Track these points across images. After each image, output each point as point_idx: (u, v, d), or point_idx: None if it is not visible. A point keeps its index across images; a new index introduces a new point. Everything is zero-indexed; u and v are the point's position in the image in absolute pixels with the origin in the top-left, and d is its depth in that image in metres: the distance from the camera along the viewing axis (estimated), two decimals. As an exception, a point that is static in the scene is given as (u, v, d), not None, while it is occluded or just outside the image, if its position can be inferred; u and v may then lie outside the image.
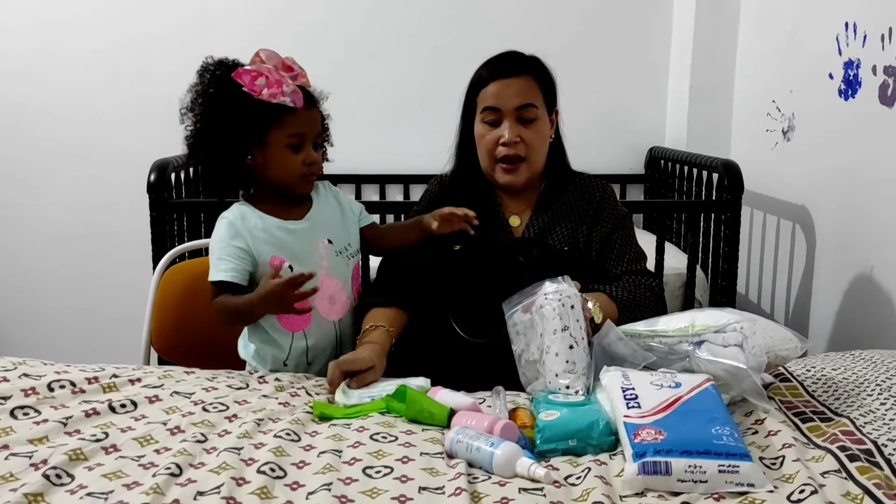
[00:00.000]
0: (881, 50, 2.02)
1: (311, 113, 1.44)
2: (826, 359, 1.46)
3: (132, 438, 1.07)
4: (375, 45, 3.13)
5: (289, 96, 1.37)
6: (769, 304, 2.72)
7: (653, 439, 0.99)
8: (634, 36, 3.19)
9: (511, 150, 1.56)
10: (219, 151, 1.41)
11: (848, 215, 2.22)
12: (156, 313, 1.76)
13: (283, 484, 0.96)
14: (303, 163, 1.43)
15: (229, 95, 1.37)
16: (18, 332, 3.24)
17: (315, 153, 1.45)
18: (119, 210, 3.11)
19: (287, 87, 1.37)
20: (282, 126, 1.40)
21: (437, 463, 1.03)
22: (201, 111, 1.41)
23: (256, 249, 1.42)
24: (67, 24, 3.08)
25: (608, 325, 1.28)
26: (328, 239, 1.49)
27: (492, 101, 1.56)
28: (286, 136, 1.41)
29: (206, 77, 1.41)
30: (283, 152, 1.41)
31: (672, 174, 2.98)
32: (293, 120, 1.40)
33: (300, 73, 1.43)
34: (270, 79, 1.36)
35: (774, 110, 2.65)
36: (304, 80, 1.44)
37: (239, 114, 1.37)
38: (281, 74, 1.37)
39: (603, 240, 1.62)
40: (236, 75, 1.36)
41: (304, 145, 1.43)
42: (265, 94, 1.35)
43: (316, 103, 1.47)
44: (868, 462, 0.99)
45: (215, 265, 1.41)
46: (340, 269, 1.51)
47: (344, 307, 1.52)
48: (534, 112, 1.56)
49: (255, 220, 1.44)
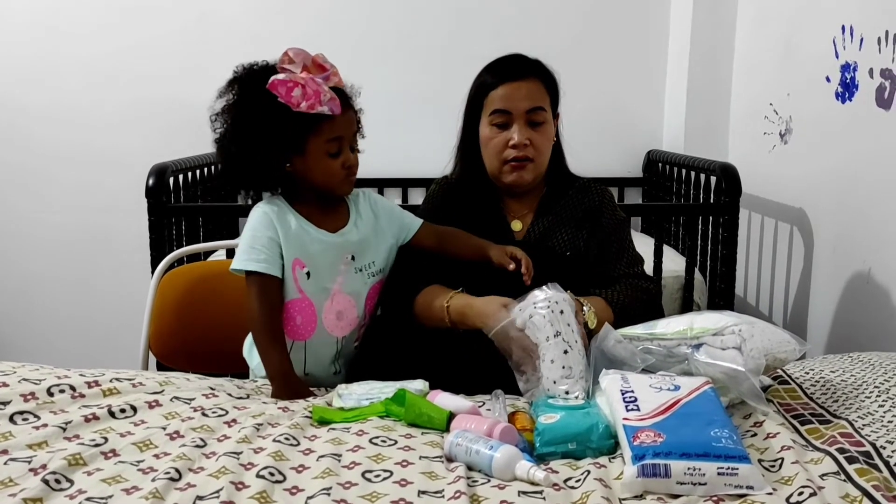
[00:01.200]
0: (878, 53, 2.03)
1: (347, 115, 1.40)
2: (824, 361, 1.46)
3: (131, 443, 1.07)
4: (374, 50, 3.14)
5: (327, 105, 1.33)
6: (767, 307, 2.72)
7: (652, 442, 0.99)
8: (632, 39, 3.20)
9: (520, 152, 1.56)
10: (257, 162, 1.38)
11: (846, 218, 2.23)
12: (154, 318, 1.76)
13: (283, 488, 0.96)
14: (342, 166, 1.40)
15: (265, 107, 1.33)
16: (17, 335, 3.24)
17: (353, 154, 1.43)
18: (118, 214, 3.11)
19: (325, 95, 1.33)
20: (320, 133, 1.36)
21: (437, 466, 1.03)
22: (236, 122, 1.37)
23: (285, 245, 1.40)
24: (67, 29, 3.08)
25: (606, 328, 1.29)
26: (352, 255, 1.46)
27: (501, 103, 1.56)
28: (324, 143, 1.37)
29: (237, 87, 1.37)
30: (323, 158, 1.39)
31: (670, 177, 2.98)
32: (330, 126, 1.36)
33: (332, 71, 1.37)
34: (308, 90, 1.31)
35: (772, 113, 2.65)
36: (337, 78, 1.39)
37: (276, 126, 1.33)
38: (317, 83, 1.32)
39: (602, 244, 1.63)
40: (271, 87, 1.31)
41: (343, 149, 1.40)
42: (303, 106, 1.31)
43: (351, 104, 1.42)
44: (867, 464, 0.99)
45: (248, 253, 1.38)
46: (356, 285, 1.47)
47: (351, 324, 1.48)
48: (542, 115, 1.57)
49: (291, 219, 1.42)
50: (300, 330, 1.43)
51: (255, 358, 1.47)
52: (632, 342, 1.28)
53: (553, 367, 1.25)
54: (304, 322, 1.43)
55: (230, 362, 1.59)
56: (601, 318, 1.43)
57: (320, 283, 1.43)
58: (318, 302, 1.43)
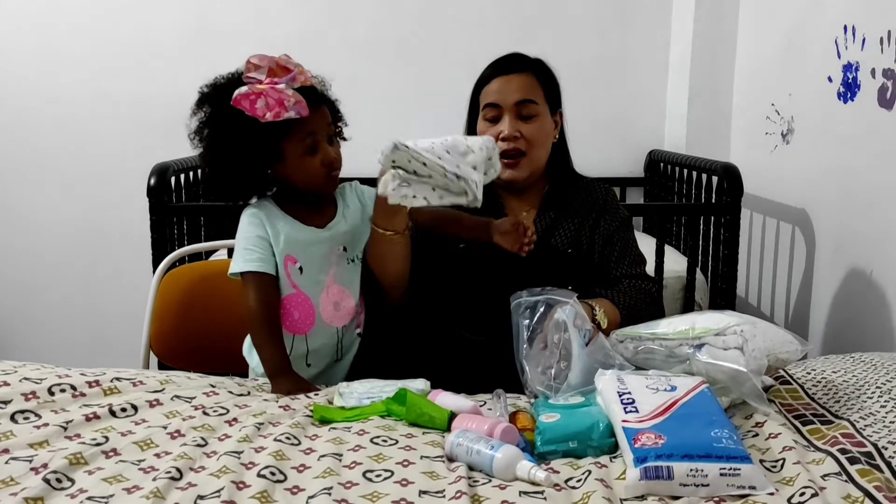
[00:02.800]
0: (880, 53, 2.02)
1: (319, 111, 1.39)
2: (826, 361, 1.46)
3: (132, 442, 1.07)
4: (374, 48, 3.14)
5: (293, 109, 1.33)
6: (769, 307, 2.72)
7: (653, 444, 0.99)
8: (634, 39, 3.19)
9: (510, 144, 1.56)
10: (238, 174, 1.40)
11: (848, 218, 2.22)
12: (155, 317, 1.76)
13: (284, 488, 0.96)
14: (321, 164, 1.40)
15: (234, 123, 1.33)
16: (18, 334, 3.24)
17: (332, 148, 1.42)
18: (119, 213, 3.12)
19: (289, 101, 1.32)
20: (292, 136, 1.37)
21: (438, 466, 1.03)
22: (211, 140, 1.39)
23: (275, 243, 1.42)
24: (68, 27, 3.08)
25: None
26: (343, 246, 1.47)
27: (492, 97, 1.57)
28: (299, 144, 1.38)
29: (206, 105, 1.38)
30: (301, 159, 1.39)
31: (671, 177, 2.98)
32: (301, 127, 1.37)
33: (297, 71, 1.36)
34: (270, 99, 1.31)
35: (774, 113, 2.65)
36: (304, 77, 1.37)
37: (249, 139, 1.35)
38: (278, 90, 1.31)
39: (604, 242, 1.63)
40: (235, 103, 1.32)
41: (319, 145, 1.40)
42: (269, 116, 1.32)
43: (321, 100, 1.42)
44: (868, 465, 0.99)
45: (242, 255, 1.41)
46: (350, 275, 1.49)
47: (349, 314, 1.49)
48: (534, 108, 1.56)
49: (279, 218, 1.44)
50: (299, 324, 1.44)
51: (254, 357, 1.48)
52: (633, 341, 1.28)
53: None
54: (302, 316, 1.44)
55: (231, 362, 1.59)
56: (611, 320, 1.45)
57: (313, 277, 1.44)
58: (314, 295, 1.44)
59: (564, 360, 1.25)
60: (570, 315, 1.28)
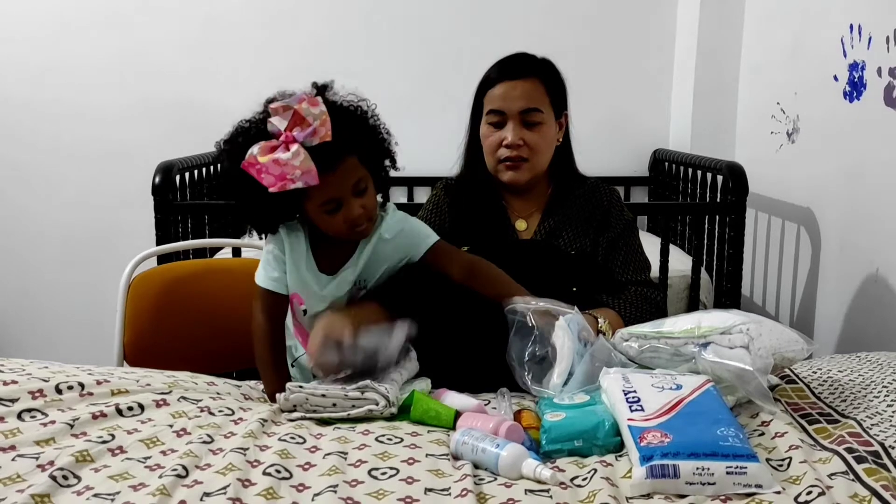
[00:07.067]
0: (886, 52, 2.02)
1: (338, 171, 1.26)
2: (832, 360, 1.46)
3: (139, 440, 1.07)
4: (380, 48, 3.14)
5: (300, 181, 1.21)
6: (774, 307, 2.71)
7: (659, 442, 0.99)
8: (638, 38, 3.19)
9: (513, 152, 1.56)
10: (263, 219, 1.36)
11: (853, 217, 2.22)
12: (129, 322, 1.71)
13: (289, 485, 0.96)
14: (343, 222, 1.31)
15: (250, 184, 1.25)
16: (22, 333, 3.25)
17: (360, 202, 1.31)
18: (124, 212, 3.13)
19: (294, 173, 1.20)
20: (311, 198, 1.29)
21: (443, 464, 1.03)
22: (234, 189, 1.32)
23: (289, 275, 1.38)
24: (74, 27, 3.09)
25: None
26: (364, 281, 1.41)
27: (497, 103, 1.56)
28: (318, 206, 1.30)
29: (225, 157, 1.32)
30: (321, 217, 1.32)
31: (676, 176, 2.98)
32: (320, 191, 1.26)
33: (316, 126, 1.22)
34: (273, 174, 1.21)
35: (779, 112, 2.64)
36: (325, 130, 1.22)
37: (266, 199, 1.26)
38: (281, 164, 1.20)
39: (609, 246, 1.62)
40: (244, 167, 1.23)
41: (344, 205, 1.30)
42: (275, 189, 1.22)
43: (340, 159, 1.27)
44: (875, 464, 0.99)
45: (265, 269, 1.39)
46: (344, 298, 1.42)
47: None
48: (538, 116, 1.56)
49: (299, 253, 1.38)
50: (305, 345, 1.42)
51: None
52: (638, 340, 1.28)
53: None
54: (306, 342, 1.41)
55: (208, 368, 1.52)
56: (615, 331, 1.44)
57: (315, 315, 1.40)
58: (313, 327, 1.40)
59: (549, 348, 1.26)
60: (575, 326, 1.28)
